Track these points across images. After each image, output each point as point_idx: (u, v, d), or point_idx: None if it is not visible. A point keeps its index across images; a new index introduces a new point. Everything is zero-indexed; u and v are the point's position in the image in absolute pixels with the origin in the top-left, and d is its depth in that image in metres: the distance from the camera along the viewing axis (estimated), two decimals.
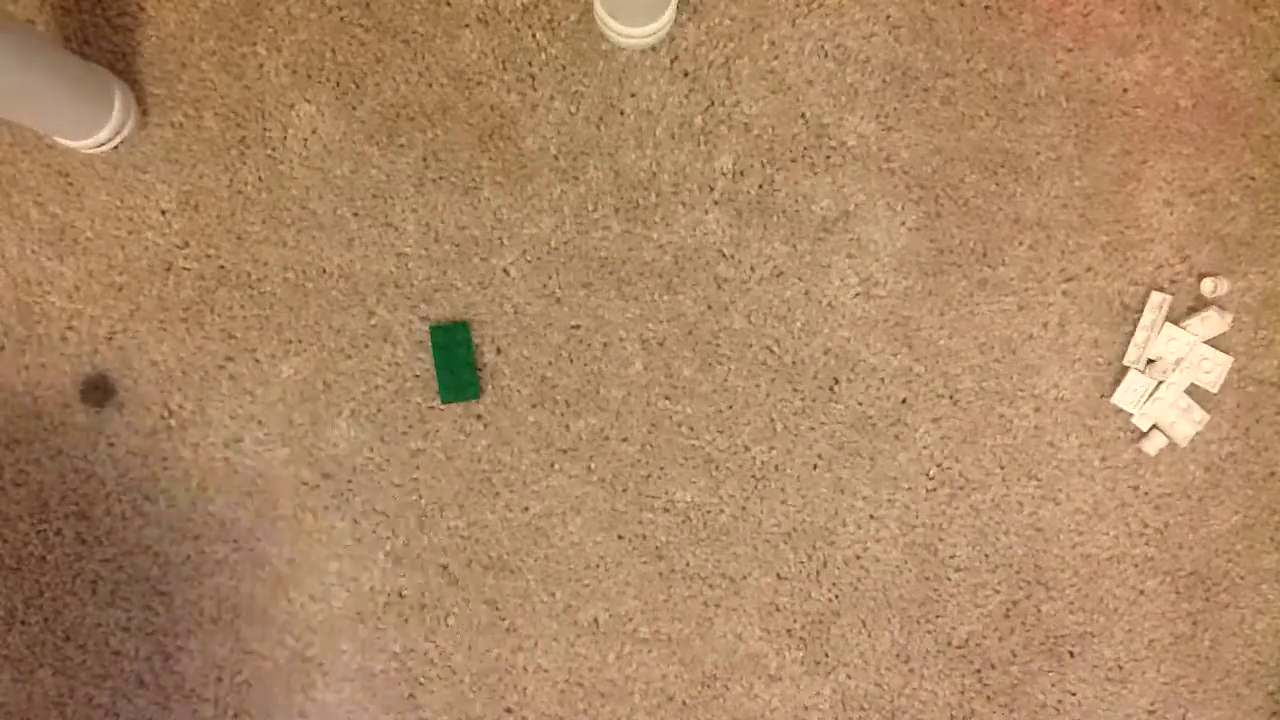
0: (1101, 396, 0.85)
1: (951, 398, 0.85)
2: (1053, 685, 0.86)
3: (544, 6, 0.84)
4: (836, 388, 0.85)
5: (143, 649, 0.84)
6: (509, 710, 0.85)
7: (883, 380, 0.85)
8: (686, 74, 0.84)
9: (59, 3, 0.83)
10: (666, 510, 0.85)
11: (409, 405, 0.84)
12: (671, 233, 0.84)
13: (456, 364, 0.82)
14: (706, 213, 0.84)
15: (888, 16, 0.85)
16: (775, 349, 0.85)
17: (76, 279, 0.83)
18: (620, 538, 0.85)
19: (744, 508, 0.85)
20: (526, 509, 0.84)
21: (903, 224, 0.85)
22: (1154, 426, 0.85)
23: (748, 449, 0.85)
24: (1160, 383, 0.84)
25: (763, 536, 0.85)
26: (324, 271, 0.84)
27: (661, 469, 0.85)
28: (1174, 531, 0.86)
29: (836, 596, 0.85)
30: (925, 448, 0.85)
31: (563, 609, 0.85)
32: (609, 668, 0.85)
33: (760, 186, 0.84)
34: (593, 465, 0.84)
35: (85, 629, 0.84)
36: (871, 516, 0.85)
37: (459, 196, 0.84)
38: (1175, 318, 0.85)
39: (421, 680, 0.84)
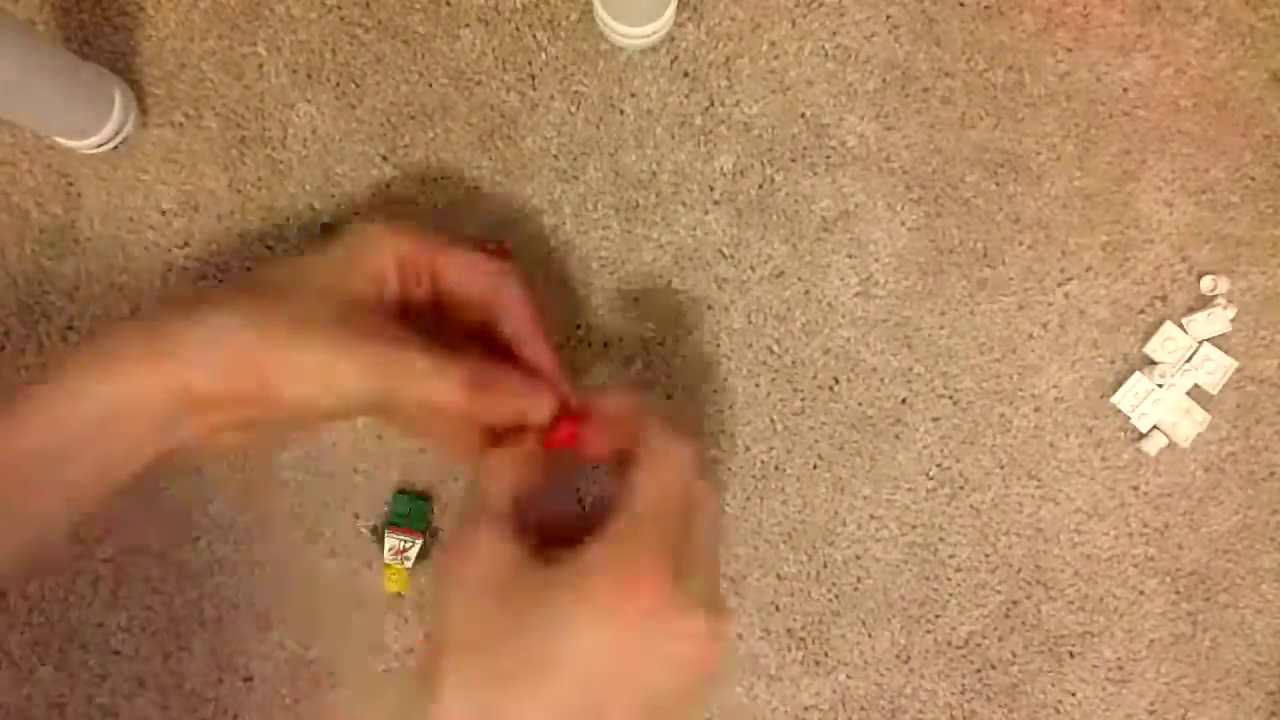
0: (1101, 397, 0.85)
1: (951, 398, 0.85)
2: (1053, 685, 0.86)
3: (544, 6, 0.84)
4: (836, 388, 0.85)
5: (143, 649, 0.84)
6: None
7: (883, 380, 0.85)
8: (686, 74, 0.84)
9: (59, 3, 0.83)
10: None
11: None
12: (671, 233, 0.84)
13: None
14: (706, 213, 0.84)
15: (888, 16, 0.85)
16: (775, 349, 0.85)
17: (76, 279, 0.83)
18: None
19: (744, 508, 0.85)
20: None
21: (903, 224, 0.85)
22: (1154, 427, 0.85)
23: (748, 449, 0.85)
24: (1161, 384, 0.84)
25: (763, 536, 0.85)
26: None
27: None
28: (1174, 531, 0.86)
29: (836, 596, 0.85)
30: (925, 448, 0.85)
31: None
32: None
33: (760, 186, 0.84)
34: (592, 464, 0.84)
35: (86, 629, 0.84)
36: (871, 516, 0.85)
37: (459, 196, 0.84)
38: (1176, 317, 0.85)
39: None
